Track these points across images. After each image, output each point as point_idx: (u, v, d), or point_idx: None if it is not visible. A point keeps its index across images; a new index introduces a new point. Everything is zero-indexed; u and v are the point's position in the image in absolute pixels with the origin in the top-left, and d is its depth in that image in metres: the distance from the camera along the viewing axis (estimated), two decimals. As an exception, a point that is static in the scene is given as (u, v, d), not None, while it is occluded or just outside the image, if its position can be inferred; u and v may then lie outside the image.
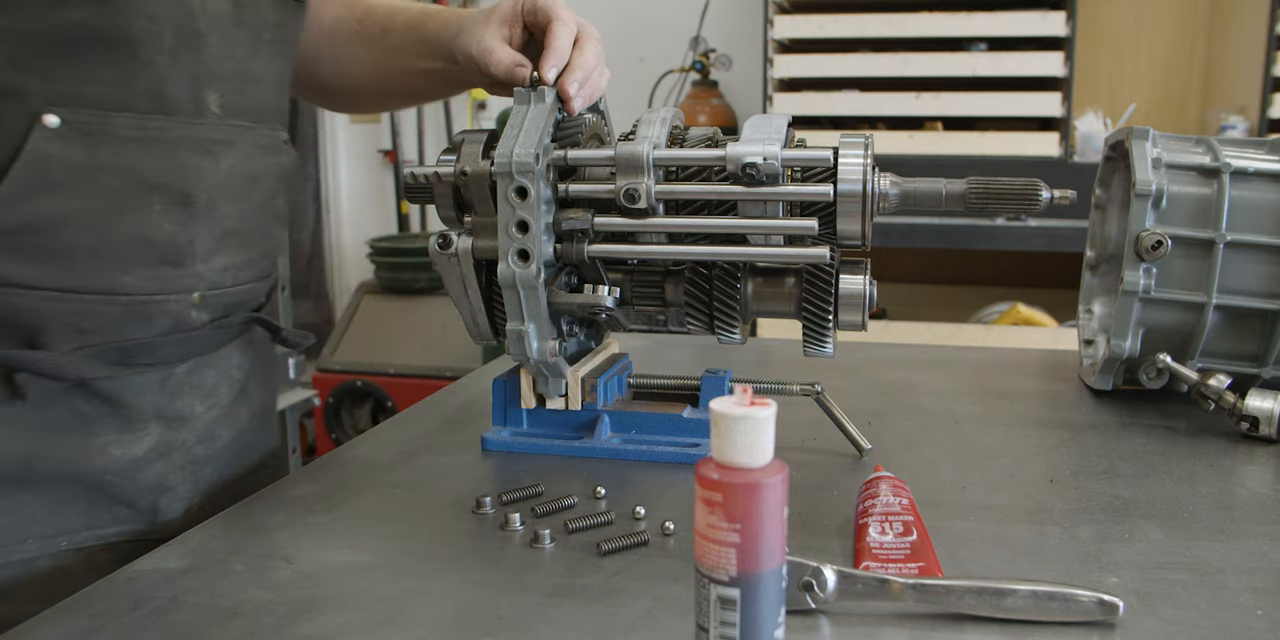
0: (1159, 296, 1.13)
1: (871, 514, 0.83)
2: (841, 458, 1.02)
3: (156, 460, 0.89)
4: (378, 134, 4.38)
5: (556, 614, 0.71)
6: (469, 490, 0.93)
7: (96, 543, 0.85)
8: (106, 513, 0.85)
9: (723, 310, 0.99)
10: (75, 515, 0.83)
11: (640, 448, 1.01)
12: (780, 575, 0.59)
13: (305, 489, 0.95)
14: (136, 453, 0.87)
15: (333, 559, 0.80)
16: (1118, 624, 0.69)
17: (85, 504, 0.84)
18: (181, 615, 0.71)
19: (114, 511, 0.86)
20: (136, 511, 0.87)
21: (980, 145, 3.06)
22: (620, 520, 0.86)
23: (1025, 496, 0.92)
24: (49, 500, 0.82)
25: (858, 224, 0.92)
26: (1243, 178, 1.12)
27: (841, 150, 0.92)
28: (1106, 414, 1.16)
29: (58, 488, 0.82)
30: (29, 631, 0.70)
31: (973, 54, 3.09)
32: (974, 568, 0.78)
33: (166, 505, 0.90)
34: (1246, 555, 0.80)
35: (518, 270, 0.92)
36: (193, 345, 0.91)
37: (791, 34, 3.19)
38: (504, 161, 0.91)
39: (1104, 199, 1.33)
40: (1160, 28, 3.50)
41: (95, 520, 0.85)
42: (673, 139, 0.99)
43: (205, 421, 0.94)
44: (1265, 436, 1.05)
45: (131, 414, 0.86)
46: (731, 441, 0.56)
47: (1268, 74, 2.94)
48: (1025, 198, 0.92)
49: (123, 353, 0.84)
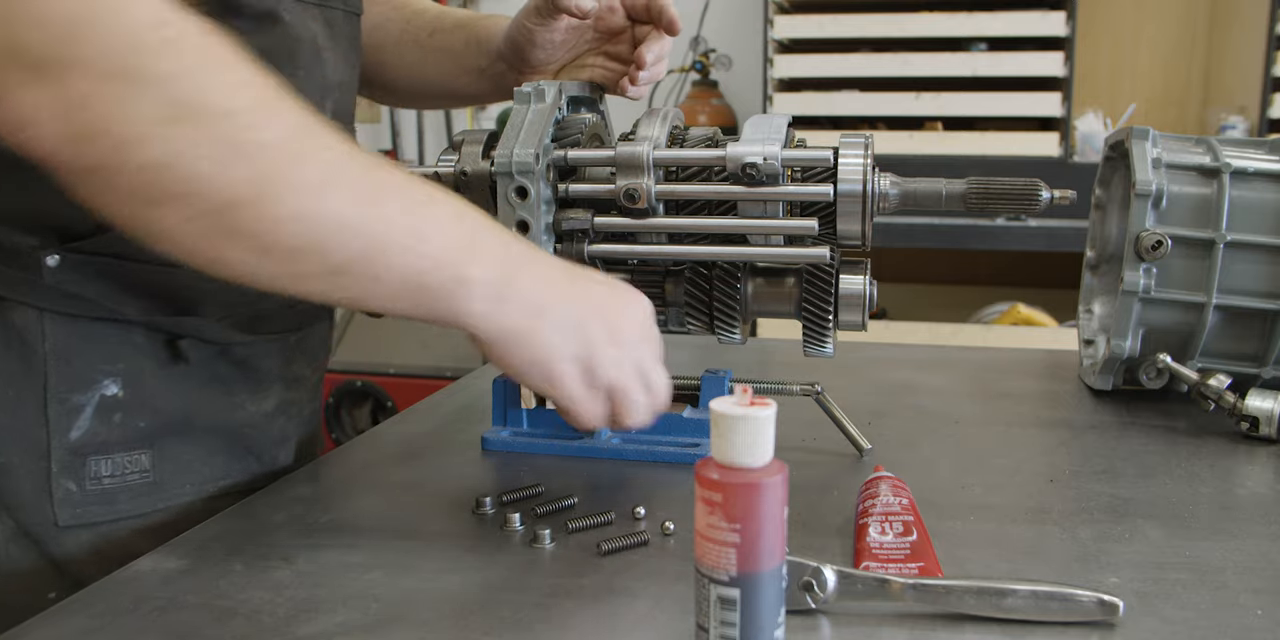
0: (1159, 296, 1.13)
1: (871, 514, 0.83)
2: (841, 458, 1.02)
3: (279, 416, 0.99)
4: (378, 134, 4.38)
5: (556, 614, 0.71)
6: (469, 490, 0.93)
7: (235, 489, 0.95)
8: (239, 462, 0.95)
9: (723, 310, 0.99)
10: (219, 464, 0.94)
11: (640, 448, 1.01)
12: (780, 575, 0.59)
13: (305, 489, 0.95)
14: (267, 408, 0.97)
15: (333, 559, 0.80)
16: (1118, 624, 0.69)
17: (225, 455, 0.94)
18: (181, 615, 0.71)
19: (245, 461, 0.96)
20: (261, 461, 0.97)
21: (980, 145, 3.06)
22: (620, 520, 0.86)
23: (1025, 496, 0.92)
24: (202, 450, 0.92)
25: (858, 224, 0.92)
26: (1243, 178, 1.12)
27: (841, 150, 0.92)
28: (1106, 414, 1.16)
29: (208, 439, 0.93)
30: (29, 631, 0.70)
31: (973, 54, 3.08)
32: (974, 568, 0.78)
33: (284, 455, 1.00)
34: (1246, 555, 0.80)
35: (518, 270, 0.92)
36: (303, 315, 1.01)
37: (791, 34, 3.19)
38: (504, 161, 0.91)
39: (1104, 199, 1.33)
40: (1160, 28, 3.49)
41: (231, 470, 0.95)
42: (673, 139, 0.99)
43: (312, 382, 1.04)
44: (1265, 436, 1.05)
45: (260, 376, 0.97)
46: (731, 441, 0.56)
47: (1268, 74, 2.94)
48: (1025, 198, 0.92)
49: (255, 321, 0.95)
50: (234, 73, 0.62)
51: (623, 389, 0.79)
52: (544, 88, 0.95)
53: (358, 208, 0.66)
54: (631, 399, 0.80)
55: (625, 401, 0.80)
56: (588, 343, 0.76)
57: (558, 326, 0.75)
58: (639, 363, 0.80)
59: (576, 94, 1.03)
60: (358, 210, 0.66)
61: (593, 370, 0.77)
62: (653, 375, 0.82)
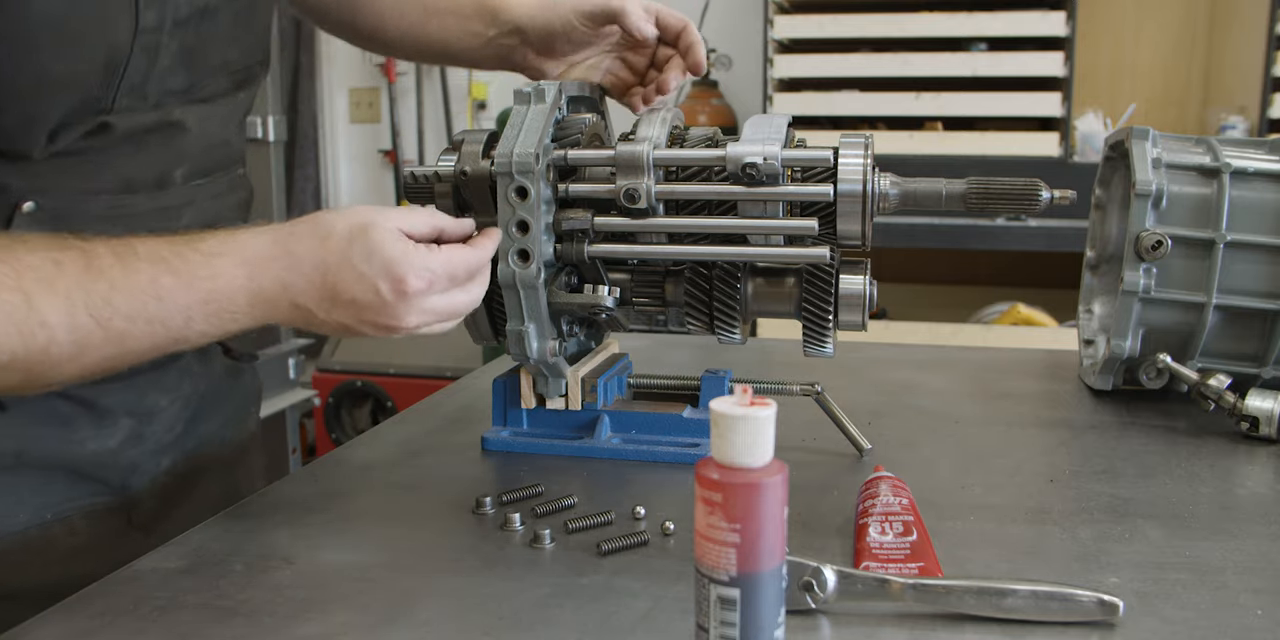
0: (1159, 296, 1.13)
1: (871, 514, 0.83)
2: (841, 458, 1.02)
3: (129, 449, 0.95)
4: (378, 134, 4.39)
5: (556, 614, 0.71)
6: (469, 490, 0.93)
7: (76, 511, 0.93)
8: (83, 488, 0.93)
9: (723, 310, 0.99)
10: (57, 491, 0.92)
11: (640, 448, 1.01)
12: (780, 575, 0.59)
13: (305, 489, 0.95)
14: (111, 444, 0.94)
15: (333, 559, 0.80)
16: (1118, 624, 0.69)
17: (66, 484, 0.92)
18: (181, 615, 0.71)
19: (91, 487, 0.94)
20: (110, 487, 0.95)
21: (980, 145, 3.06)
22: (620, 520, 0.86)
23: (1025, 496, 0.92)
24: (36, 482, 0.90)
25: (858, 224, 0.92)
26: (1243, 178, 1.12)
27: (841, 150, 0.92)
28: (1106, 414, 1.16)
29: (44, 473, 0.90)
30: (29, 631, 0.70)
31: (973, 54, 3.09)
32: (974, 568, 0.78)
33: (136, 481, 0.97)
34: (1246, 555, 0.80)
35: (518, 270, 0.92)
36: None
37: (791, 34, 3.19)
38: (504, 161, 0.91)
39: (1104, 199, 1.33)
40: (1160, 28, 3.49)
41: (74, 494, 0.93)
42: (673, 139, 0.99)
43: (171, 413, 0.99)
44: (1265, 436, 1.05)
45: (102, 412, 0.93)
46: (731, 441, 0.56)
47: (1268, 74, 2.94)
48: (1025, 198, 0.92)
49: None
50: None
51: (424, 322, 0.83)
52: (544, 88, 0.95)
53: (113, 350, 0.76)
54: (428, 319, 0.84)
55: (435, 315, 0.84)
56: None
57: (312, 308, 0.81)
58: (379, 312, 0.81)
59: (576, 94, 1.03)
60: (113, 351, 0.76)
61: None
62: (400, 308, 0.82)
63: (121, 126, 0.87)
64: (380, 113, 4.34)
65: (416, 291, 0.80)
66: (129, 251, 0.76)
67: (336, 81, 4.36)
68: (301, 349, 3.15)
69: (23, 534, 0.89)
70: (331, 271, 0.79)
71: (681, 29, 1.09)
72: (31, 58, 0.79)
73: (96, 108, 0.84)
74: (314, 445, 3.52)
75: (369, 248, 0.79)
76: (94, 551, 0.92)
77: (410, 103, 4.26)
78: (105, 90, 0.84)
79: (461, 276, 0.84)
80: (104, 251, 0.76)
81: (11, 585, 0.87)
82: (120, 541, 0.95)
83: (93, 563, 0.87)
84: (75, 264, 0.74)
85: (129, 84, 0.85)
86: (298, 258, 0.79)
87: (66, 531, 0.92)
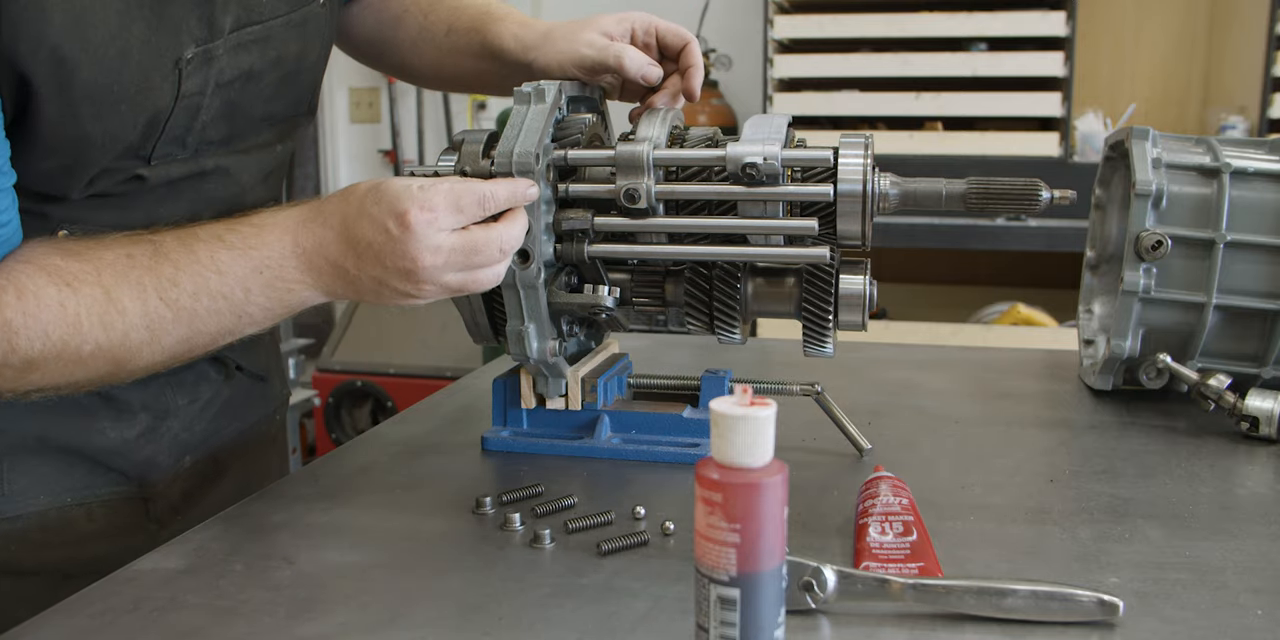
0: (1159, 296, 1.13)
1: (871, 514, 0.83)
2: (841, 458, 1.02)
3: (146, 444, 0.98)
4: (378, 134, 4.39)
5: (556, 614, 0.71)
6: (469, 490, 0.93)
7: (95, 499, 0.96)
8: (103, 478, 0.96)
9: (723, 310, 0.99)
10: (78, 477, 0.95)
11: (640, 448, 1.01)
12: (780, 575, 0.59)
13: (305, 489, 0.95)
14: (129, 436, 0.97)
15: (333, 559, 0.80)
16: (1118, 624, 0.69)
17: (85, 470, 0.95)
18: (181, 615, 0.71)
19: (110, 476, 0.97)
20: (128, 479, 0.98)
21: (980, 145, 3.06)
22: (620, 520, 0.86)
23: (1025, 496, 0.92)
24: (58, 465, 0.94)
25: (858, 224, 0.92)
26: (1243, 178, 1.12)
27: (841, 150, 0.92)
28: (1106, 414, 1.16)
29: (65, 457, 0.94)
30: (29, 631, 0.70)
31: (973, 54, 3.09)
32: (974, 568, 0.78)
33: (155, 476, 1.00)
34: (1246, 555, 0.80)
35: (518, 270, 0.92)
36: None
37: (791, 34, 3.19)
38: (504, 161, 0.91)
39: (1104, 199, 1.33)
40: (1160, 28, 3.49)
41: (94, 483, 0.96)
42: (673, 139, 0.99)
43: (189, 413, 1.02)
44: (1265, 436, 1.05)
45: (122, 405, 0.96)
46: (731, 441, 0.56)
47: (1268, 74, 2.94)
48: (1025, 198, 0.92)
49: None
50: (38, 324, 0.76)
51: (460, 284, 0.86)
52: (544, 88, 0.95)
53: (184, 330, 0.82)
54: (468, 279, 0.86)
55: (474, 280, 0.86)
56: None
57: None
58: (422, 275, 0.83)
59: (576, 94, 1.03)
60: (185, 332, 0.82)
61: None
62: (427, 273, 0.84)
63: (157, 176, 0.90)
64: (380, 113, 4.34)
65: (420, 222, 0.81)
66: (190, 235, 0.83)
67: (336, 81, 4.36)
68: (302, 349, 3.15)
69: (41, 515, 0.93)
70: (350, 220, 0.83)
71: (682, 48, 1.07)
72: (72, 122, 0.81)
73: (135, 156, 0.87)
74: (314, 445, 3.52)
75: (379, 193, 0.83)
76: (109, 539, 0.96)
77: (410, 103, 4.26)
78: (145, 142, 0.87)
79: (470, 208, 0.84)
80: (169, 239, 0.82)
81: (27, 563, 0.92)
82: (136, 532, 0.98)
83: (106, 549, 0.92)
84: (145, 254, 0.80)
85: (169, 137, 0.88)
86: (326, 214, 0.84)
87: (85, 517, 0.95)
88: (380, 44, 1.21)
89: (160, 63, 0.84)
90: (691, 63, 1.07)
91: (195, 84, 0.87)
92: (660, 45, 1.08)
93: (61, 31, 0.77)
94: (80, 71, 0.79)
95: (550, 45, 1.06)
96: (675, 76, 1.08)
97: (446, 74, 1.20)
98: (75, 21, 0.78)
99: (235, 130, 0.95)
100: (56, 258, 0.78)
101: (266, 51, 0.93)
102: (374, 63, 1.25)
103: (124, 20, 0.81)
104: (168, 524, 1.00)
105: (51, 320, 0.76)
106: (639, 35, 1.07)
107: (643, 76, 1.04)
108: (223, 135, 0.93)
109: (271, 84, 0.96)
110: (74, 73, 0.79)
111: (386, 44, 1.20)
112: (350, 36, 1.22)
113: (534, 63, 1.07)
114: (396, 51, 1.20)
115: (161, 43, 0.84)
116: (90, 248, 0.80)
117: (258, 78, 0.93)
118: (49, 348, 0.77)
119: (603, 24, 1.06)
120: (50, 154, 0.82)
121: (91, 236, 0.82)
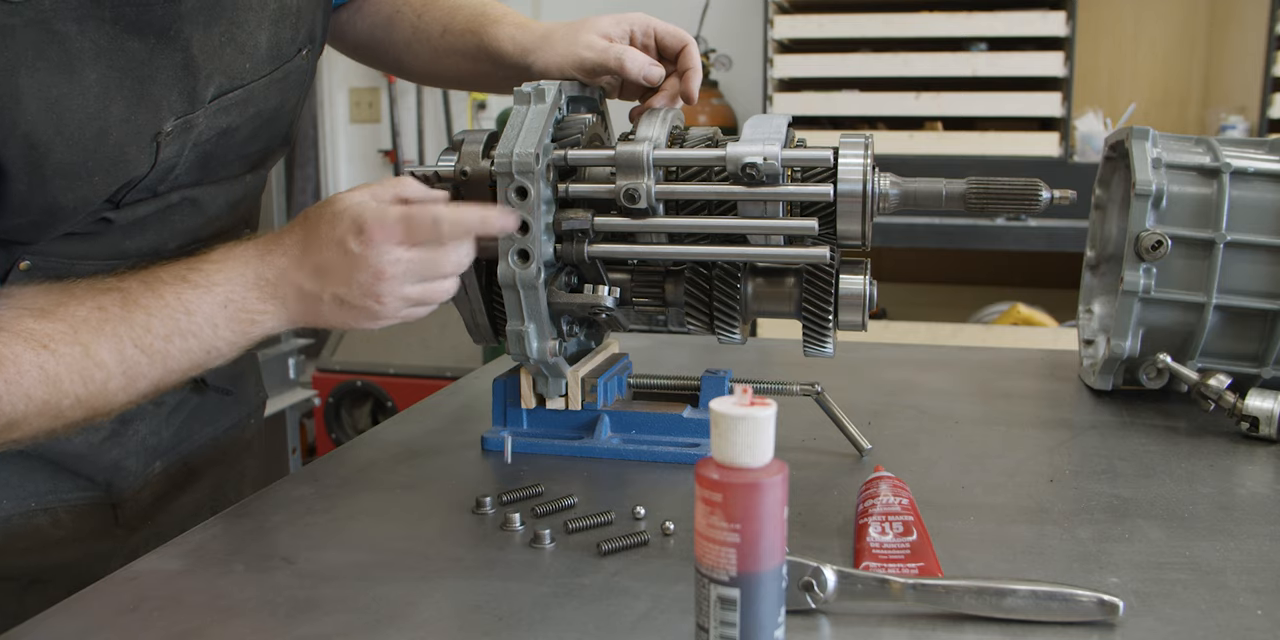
0: (1159, 296, 1.13)
1: (871, 514, 0.83)
2: (841, 458, 1.02)
3: (111, 449, 0.97)
4: (378, 134, 4.39)
5: (556, 614, 0.71)
6: (469, 490, 0.93)
7: (61, 504, 0.95)
8: (69, 483, 0.95)
9: (723, 310, 0.99)
10: (41, 481, 0.94)
11: (640, 448, 1.01)
12: (780, 575, 0.59)
13: (305, 489, 0.95)
14: (94, 440, 0.96)
15: (333, 559, 0.80)
16: (1118, 624, 0.69)
17: (48, 475, 0.94)
18: (181, 615, 0.71)
19: (75, 481, 0.96)
20: (94, 484, 0.97)
21: (980, 145, 3.06)
22: (620, 520, 0.86)
23: (1025, 496, 0.92)
24: (19, 469, 0.92)
25: (858, 224, 0.92)
26: (1243, 178, 1.12)
27: (841, 150, 0.92)
28: (1106, 414, 1.16)
29: (26, 461, 0.92)
30: (29, 631, 0.70)
31: (973, 54, 3.08)
32: (974, 568, 0.78)
33: (123, 481, 0.99)
34: (1246, 555, 0.80)
35: (518, 270, 0.92)
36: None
37: (791, 34, 3.19)
38: (504, 161, 0.91)
39: (1104, 199, 1.33)
40: (1160, 28, 3.49)
41: (59, 487, 0.95)
42: (673, 139, 0.99)
43: (155, 420, 1.01)
44: (1265, 436, 1.05)
45: None
46: (731, 441, 0.56)
47: (1268, 74, 2.94)
48: (1025, 198, 0.92)
49: None
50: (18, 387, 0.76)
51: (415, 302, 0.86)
52: (544, 88, 0.95)
53: (158, 373, 0.82)
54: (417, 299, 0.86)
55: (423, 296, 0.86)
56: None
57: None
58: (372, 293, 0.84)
59: (576, 94, 1.03)
60: (158, 374, 0.82)
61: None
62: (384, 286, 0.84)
63: (124, 217, 0.90)
64: (380, 113, 4.34)
65: (378, 238, 0.82)
66: (154, 278, 0.83)
67: (336, 81, 4.36)
68: (301, 349, 3.15)
69: (4, 520, 0.92)
70: (309, 242, 0.84)
71: (680, 50, 1.07)
72: (42, 194, 0.81)
73: (105, 205, 0.87)
74: (314, 445, 3.52)
75: (334, 211, 0.84)
76: (77, 544, 0.95)
77: (410, 103, 4.26)
78: (116, 196, 0.87)
79: (423, 226, 0.83)
80: (135, 284, 0.82)
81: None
82: (104, 537, 0.97)
83: (76, 553, 0.92)
84: (115, 304, 0.80)
85: (141, 188, 0.88)
86: (284, 242, 0.86)
87: (50, 522, 0.94)
88: (374, 45, 1.21)
89: (138, 137, 0.84)
90: (690, 65, 1.06)
91: (173, 151, 0.87)
92: (659, 47, 1.08)
93: (36, 118, 0.76)
94: (53, 153, 0.78)
95: (549, 48, 1.06)
96: (673, 79, 1.08)
97: (443, 74, 1.20)
98: (50, 107, 0.77)
99: (208, 173, 0.94)
100: (29, 320, 0.78)
101: (246, 109, 0.93)
102: (371, 63, 1.25)
103: (103, 102, 0.80)
104: (138, 529, 1.00)
105: (33, 384, 0.76)
106: (638, 36, 1.07)
107: (644, 77, 1.04)
108: (194, 179, 0.93)
109: (247, 134, 0.95)
110: (46, 155, 0.78)
111: (381, 45, 1.20)
112: (345, 39, 1.22)
113: (532, 66, 1.07)
114: (392, 52, 1.20)
115: (141, 119, 0.83)
116: (60, 303, 0.80)
117: (234, 132, 0.93)
118: (31, 408, 0.77)
119: (601, 26, 1.06)
120: (18, 215, 0.81)
121: (56, 287, 0.81)
